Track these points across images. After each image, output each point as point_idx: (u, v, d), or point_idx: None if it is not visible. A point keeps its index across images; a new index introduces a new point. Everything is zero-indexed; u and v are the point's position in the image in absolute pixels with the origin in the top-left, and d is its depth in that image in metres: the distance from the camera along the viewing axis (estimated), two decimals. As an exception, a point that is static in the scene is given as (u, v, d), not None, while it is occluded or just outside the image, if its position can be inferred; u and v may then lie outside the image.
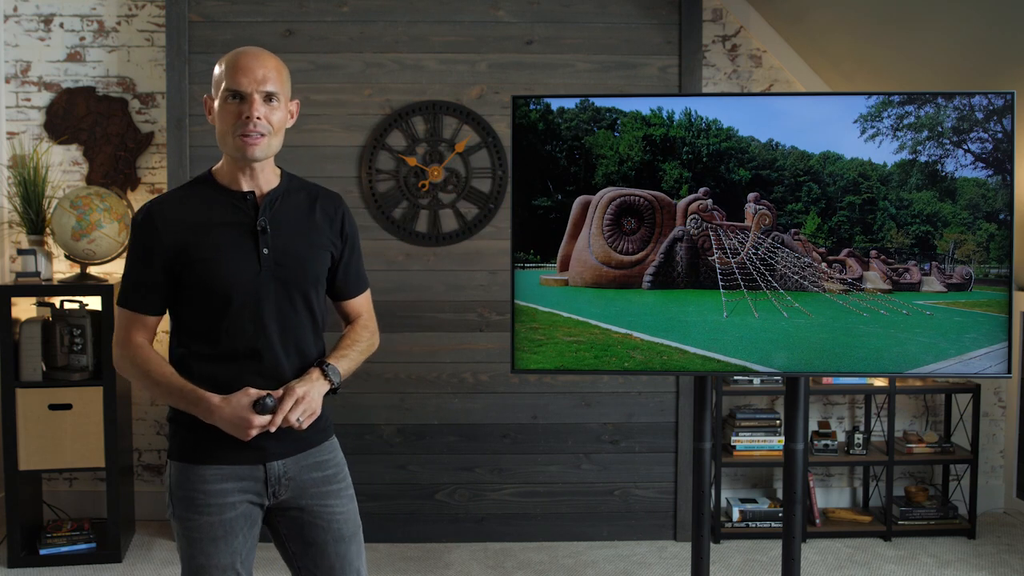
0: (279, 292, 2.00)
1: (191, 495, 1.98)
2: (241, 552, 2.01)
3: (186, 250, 1.96)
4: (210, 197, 2.01)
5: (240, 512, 2.00)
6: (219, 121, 1.98)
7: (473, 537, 4.09)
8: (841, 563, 3.87)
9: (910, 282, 2.65)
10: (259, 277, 1.98)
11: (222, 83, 1.97)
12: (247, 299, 1.97)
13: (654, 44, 4.01)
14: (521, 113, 2.69)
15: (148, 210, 1.99)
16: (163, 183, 4.18)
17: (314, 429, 2.07)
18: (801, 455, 2.74)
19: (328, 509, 2.07)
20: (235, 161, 2.01)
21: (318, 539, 2.07)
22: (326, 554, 2.07)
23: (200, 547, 1.98)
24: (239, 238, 1.98)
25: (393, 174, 4.02)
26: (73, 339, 3.76)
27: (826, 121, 2.63)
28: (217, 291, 1.96)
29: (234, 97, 1.96)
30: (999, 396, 4.45)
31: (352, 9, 3.98)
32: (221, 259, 1.96)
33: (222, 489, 1.98)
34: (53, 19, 4.16)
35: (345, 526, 2.09)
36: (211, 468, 1.99)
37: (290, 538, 2.08)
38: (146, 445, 4.30)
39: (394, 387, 4.04)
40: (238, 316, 1.97)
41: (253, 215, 2.00)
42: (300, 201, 2.08)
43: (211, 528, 1.98)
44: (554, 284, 2.72)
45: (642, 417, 4.08)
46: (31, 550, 3.79)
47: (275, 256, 1.99)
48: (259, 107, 1.95)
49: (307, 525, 2.06)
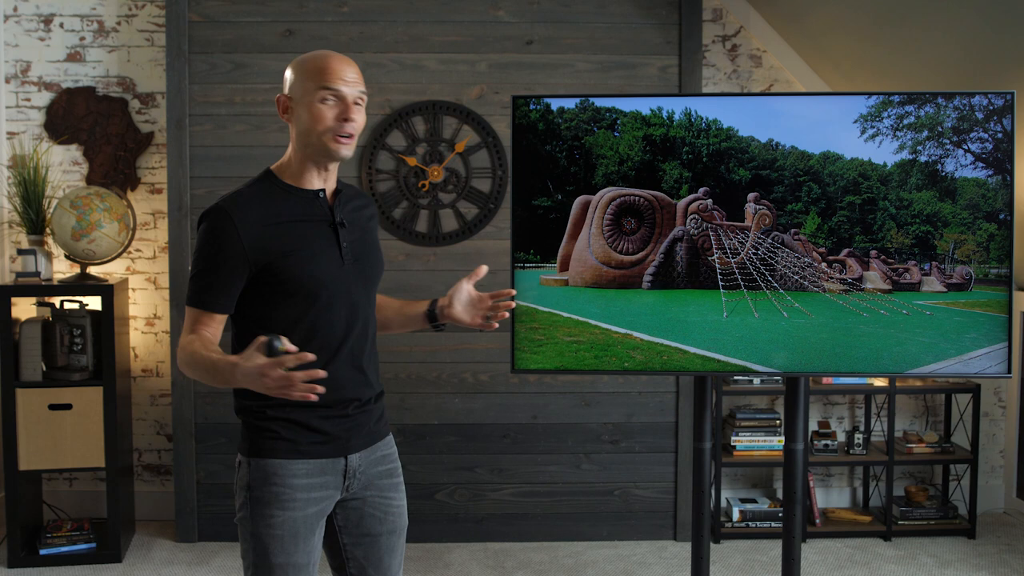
0: (361, 285, 2.06)
1: (275, 491, 1.97)
2: (315, 551, 2.03)
3: (268, 247, 1.94)
4: (282, 195, 2.01)
5: (321, 508, 2.02)
6: (312, 120, 1.97)
7: (473, 537, 4.09)
8: (841, 563, 3.87)
9: (910, 282, 2.66)
10: (343, 270, 2.01)
11: (315, 82, 1.96)
12: (336, 292, 2.00)
13: (654, 44, 4.01)
14: (521, 113, 2.69)
15: (223, 209, 1.95)
16: (163, 183, 4.18)
17: (381, 422, 2.13)
18: (801, 455, 2.74)
19: (387, 502, 2.12)
20: (316, 160, 2.01)
21: (374, 530, 2.10)
22: (378, 545, 2.11)
23: (280, 545, 1.97)
24: (321, 234, 2.01)
25: (393, 174, 4.02)
26: (73, 339, 3.76)
27: (826, 121, 2.64)
28: (306, 286, 1.97)
29: (333, 98, 1.97)
30: (999, 396, 4.45)
31: (352, 9, 3.98)
32: (308, 253, 1.97)
33: (307, 484, 1.99)
34: (53, 19, 4.16)
35: (400, 519, 2.15)
36: (296, 463, 1.99)
37: (345, 529, 2.10)
38: (146, 445, 4.30)
39: (394, 387, 4.04)
40: (327, 309, 1.99)
41: (328, 211, 2.03)
42: (356, 203, 2.13)
43: (293, 524, 1.98)
44: (554, 284, 2.72)
45: (642, 417, 4.08)
46: (31, 550, 3.80)
47: (353, 251, 2.04)
48: (355, 109, 1.99)
49: (366, 516, 2.09)
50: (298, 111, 1.99)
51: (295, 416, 1.99)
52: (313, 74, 1.97)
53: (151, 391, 4.28)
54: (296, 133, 2.01)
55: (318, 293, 1.98)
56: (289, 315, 1.98)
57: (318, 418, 2.00)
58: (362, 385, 2.07)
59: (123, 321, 3.95)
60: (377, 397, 2.13)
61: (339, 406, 2.03)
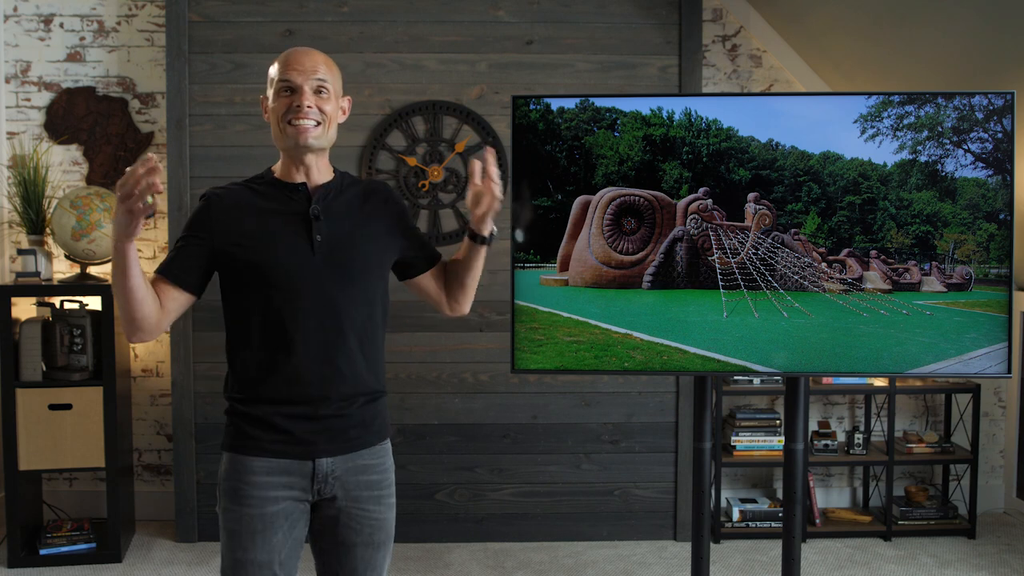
0: (332, 279, 2.01)
1: (237, 486, 1.99)
2: (280, 552, 2.00)
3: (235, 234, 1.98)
4: (266, 189, 2.05)
5: (282, 508, 1.99)
6: (272, 114, 2.04)
7: (473, 537, 4.09)
8: (841, 563, 3.86)
9: (910, 282, 2.65)
10: (312, 261, 1.99)
11: (275, 76, 2.03)
12: (302, 282, 1.98)
13: (654, 44, 4.01)
14: (521, 113, 2.69)
15: (208, 195, 2.04)
16: (163, 183, 4.18)
17: (369, 430, 2.07)
18: (801, 455, 2.74)
19: (365, 513, 2.06)
20: (290, 153, 2.04)
21: (348, 540, 2.06)
22: (352, 556, 2.07)
23: (239, 540, 1.99)
24: (291, 225, 2.01)
25: (393, 174, 4.02)
26: (73, 339, 3.76)
27: (826, 121, 2.63)
28: (264, 272, 1.97)
29: (286, 90, 2.01)
30: (999, 396, 4.45)
31: (352, 9, 3.98)
32: (270, 242, 1.98)
33: (267, 482, 1.98)
34: (53, 19, 4.16)
35: (378, 533, 2.08)
36: (259, 460, 1.99)
37: (322, 534, 2.08)
38: (146, 445, 4.30)
39: (394, 387, 4.04)
40: (291, 299, 1.98)
41: (306, 204, 2.03)
42: (354, 195, 2.10)
43: (251, 521, 1.98)
44: (554, 284, 2.72)
45: (642, 417, 4.08)
46: (31, 550, 3.80)
47: (329, 243, 2.01)
48: (309, 96, 2.00)
49: (342, 526, 2.06)
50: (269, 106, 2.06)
51: (260, 413, 1.99)
52: (276, 69, 2.04)
53: (151, 391, 4.28)
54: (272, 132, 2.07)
55: (278, 281, 1.97)
56: (252, 301, 1.99)
57: (283, 416, 1.98)
58: (335, 385, 1.99)
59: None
60: (366, 402, 2.06)
61: (304, 404, 1.99)
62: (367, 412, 2.07)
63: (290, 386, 1.98)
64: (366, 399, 2.06)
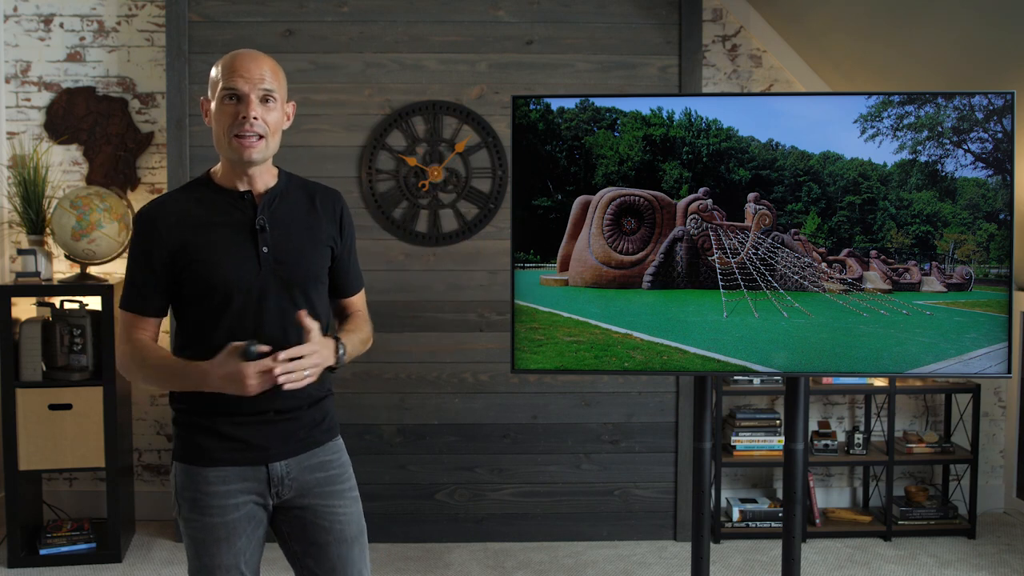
0: (280, 291, 1.99)
1: (196, 496, 1.99)
2: (245, 553, 2.01)
3: (185, 249, 1.95)
4: (208, 198, 2.01)
5: (244, 513, 2.00)
6: (216, 122, 1.97)
7: (473, 537, 4.09)
8: (841, 563, 3.86)
9: (910, 282, 2.65)
10: (260, 276, 1.97)
11: (219, 84, 1.96)
12: (248, 298, 1.96)
13: (654, 44, 4.01)
14: (521, 113, 2.69)
15: (146, 211, 1.99)
16: (163, 183, 4.18)
17: (319, 429, 2.07)
18: (801, 455, 2.74)
19: (330, 510, 2.06)
20: (232, 163, 2.00)
21: (320, 539, 2.06)
22: (327, 555, 2.06)
23: (205, 548, 1.99)
24: (238, 237, 1.97)
25: (393, 174, 4.02)
26: (73, 339, 3.76)
27: (826, 121, 2.64)
28: (217, 290, 1.95)
29: (231, 98, 1.95)
30: (999, 396, 4.45)
31: (352, 9, 3.98)
32: (220, 258, 1.95)
33: (226, 491, 1.98)
34: (53, 19, 4.16)
35: (348, 528, 2.08)
36: (214, 470, 1.99)
37: (293, 538, 2.08)
38: (146, 445, 4.30)
39: (394, 387, 4.04)
40: (239, 315, 1.96)
41: (252, 214, 2.00)
42: (299, 199, 2.07)
43: (215, 529, 1.98)
44: (554, 284, 2.72)
45: (642, 417, 4.08)
46: (31, 550, 3.80)
47: (275, 255, 1.99)
48: (256, 107, 1.95)
49: (309, 525, 2.05)
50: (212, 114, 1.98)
51: (209, 423, 1.98)
52: (219, 75, 1.96)
53: (151, 391, 4.28)
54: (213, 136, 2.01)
55: (230, 296, 1.95)
56: (205, 316, 1.97)
57: (233, 424, 1.98)
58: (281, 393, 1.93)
59: (123, 321, 3.95)
60: (313, 403, 2.05)
61: (253, 413, 1.98)
62: (315, 412, 2.07)
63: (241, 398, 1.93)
64: (312, 401, 2.06)
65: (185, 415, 2.02)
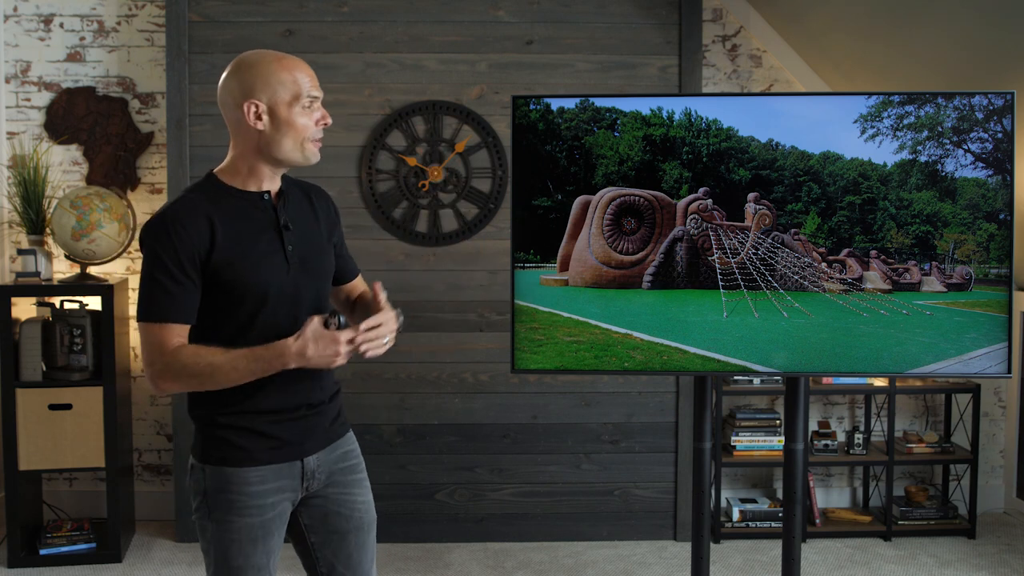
0: (308, 287, 2.03)
1: (231, 498, 1.97)
2: (274, 551, 2.03)
3: (213, 253, 1.92)
4: (226, 200, 1.99)
5: (278, 512, 2.02)
6: (296, 127, 1.95)
7: (473, 537, 4.09)
8: (841, 563, 3.86)
9: (910, 282, 2.66)
10: (290, 274, 1.99)
11: (293, 89, 1.94)
12: (282, 297, 1.97)
13: (654, 44, 4.01)
14: (521, 113, 2.69)
15: (165, 217, 1.93)
16: (163, 183, 4.18)
17: (337, 422, 2.13)
18: (801, 455, 2.74)
19: (351, 498, 2.11)
20: (277, 164, 2.00)
21: (340, 528, 2.10)
22: (346, 543, 2.11)
23: (239, 548, 1.98)
24: (264, 237, 1.98)
25: (393, 174, 4.02)
26: (73, 339, 3.76)
27: (826, 121, 2.64)
28: (252, 292, 1.95)
29: (310, 103, 1.97)
30: (999, 396, 4.45)
31: (352, 9, 3.98)
32: (253, 260, 1.95)
33: (264, 491, 1.99)
34: (53, 19, 4.16)
35: (366, 515, 2.14)
36: (254, 470, 1.98)
37: (312, 528, 2.10)
38: (146, 445, 4.30)
39: (394, 387, 4.04)
40: (273, 314, 1.97)
41: (272, 214, 2.01)
42: (300, 197, 2.10)
43: (251, 530, 1.98)
44: (554, 284, 2.72)
45: (642, 417, 4.08)
46: (31, 550, 3.80)
47: (299, 252, 2.01)
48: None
49: (331, 514, 2.09)
50: (275, 118, 1.95)
51: (246, 423, 1.98)
52: (289, 81, 1.95)
53: (151, 391, 4.28)
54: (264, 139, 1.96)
55: (264, 299, 1.96)
56: (238, 320, 1.96)
57: (269, 423, 1.99)
58: (313, 388, 2.04)
59: (123, 321, 3.95)
60: (332, 397, 2.11)
61: (289, 411, 2.01)
62: (335, 405, 2.13)
63: (279, 395, 1.99)
64: (333, 395, 2.13)
65: (214, 418, 1.99)
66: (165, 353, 1.90)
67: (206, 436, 2.01)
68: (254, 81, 1.96)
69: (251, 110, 1.96)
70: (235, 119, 2.00)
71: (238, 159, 2.02)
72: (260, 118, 1.96)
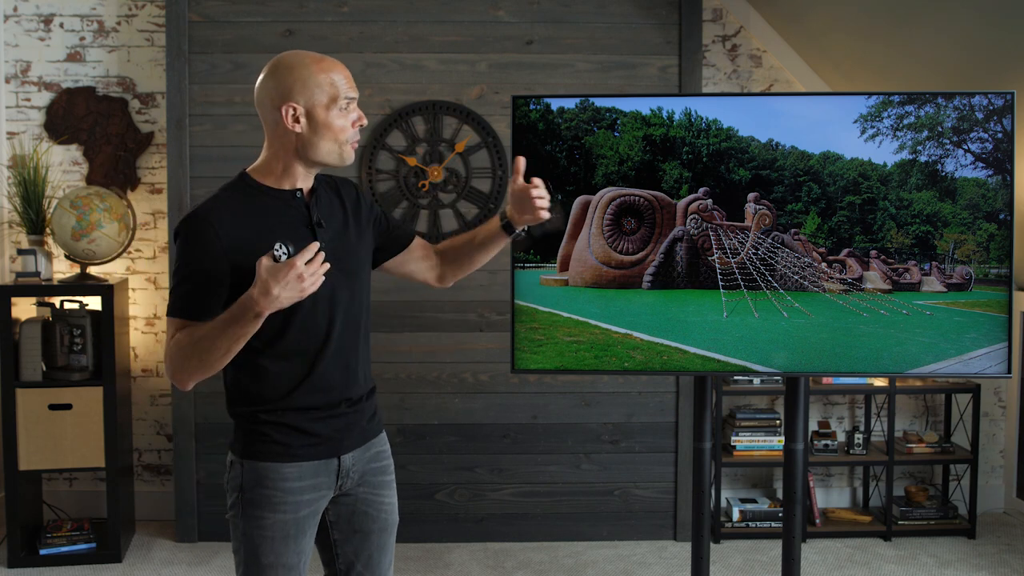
0: (344, 283, 2.03)
1: (267, 493, 1.98)
2: (306, 551, 2.03)
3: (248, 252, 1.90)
4: (259, 198, 1.99)
5: (313, 510, 2.02)
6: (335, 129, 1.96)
7: (473, 537, 4.09)
8: (841, 563, 3.86)
9: (910, 282, 2.66)
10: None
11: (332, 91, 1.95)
12: (318, 294, 1.94)
13: (654, 44, 4.01)
14: (521, 113, 2.69)
15: (200, 215, 1.93)
16: (163, 183, 4.18)
17: (373, 421, 2.14)
18: (801, 455, 2.74)
19: (380, 499, 2.12)
20: (313, 164, 2.00)
21: (365, 527, 2.11)
22: (369, 542, 2.12)
23: (271, 546, 1.98)
24: (298, 234, 1.97)
25: (393, 174, 4.02)
26: (73, 339, 3.76)
27: (826, 121, 2.64)
28: None
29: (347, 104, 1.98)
30: (999, 396, 4.45)
31: (352, 9, 3.98)
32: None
33: (301, 487, 1.99)
34: (53, 19, 4.16)
35: (391, 516, 2.15)
36: (292, 466, 1.99)
37: (337, 525, 2.11)
38: (146, 445, 4.30)
39: (394, 387, 4.04)
40: (311, 311, 1.98)
41: (305, 212, 2.01)
42: (330, 194, 2.11)
43: (284, 527, 1.98)
44: (554, 284, 2.72)
45: (642, 417, 4.08)
46: (31, 550, 3.80)
47: (333, 249, 2.01)
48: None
49: (358, 513, 2.10)
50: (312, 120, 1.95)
51: (287, 420, 1.99)
52: (327, 83, 1.95)
53: (151, 391, 4.28)
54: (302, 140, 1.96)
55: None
56: (273, 320, 1.94)
57: (309, 420, 2.00)
58: (352, 384, 2.06)
59: (123, 321, 3.95)
60: (369, 394, 2.12)
61: (329, 407, 2.03)
62: (371, 403, 2.14)
63: (318, 392, 2.01)
64: (370, 391, 2.14)
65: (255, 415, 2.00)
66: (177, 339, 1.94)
67: (247, 432, 2.01)
68: (292, 84, 1.95)
69: (288, 113, 1.95)
70: (272, 121, 1.98)
71: (272, 159, 2.01)
72: (298, 120, 1.96)
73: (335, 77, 1.96)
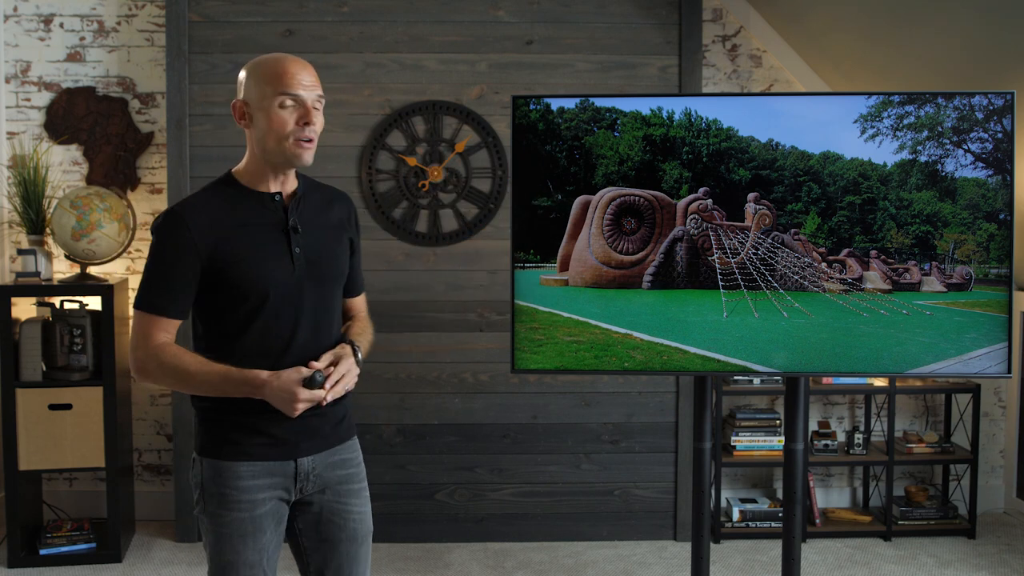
0: (313, 290, 2.03)
1: (223, 491, 1.99)
2: (268, 550, 2.03)
3: (219, 251, 1.94)
4: (237, 198, 2.01)
5: (269, 509, 2.02)
6: (272, 126, 1.95)
7: (473, 537, 4.09)
8: (841, 563, 3.86)
9: (910, 282, 2.65)
10: (294, 276, 2.00)
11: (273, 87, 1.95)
12: (283, 298, 1.98)
13: (654, 44, 4.01)
14: (521, 113, 2.69)
15: (176, 212, 1.97)
16: (163, 183, 4.18)
17: (341, 426, 2.12)
18: (801, 455, 2.74)
19: (346, 508, 2.10)
20: (275, 165, 2.01)
21: (332, 536, 2.09)
22: (337, 552, 2.10)
23: (230, 544, 1.99)
24: (271, 238, 1.99)
25: (393, 174, 4.02)
26: (73, 339, 3.76)
27: (826, 121, 2.63)
28: (254, 291, 1.96)
29: (292, 102, 1.95)
30: (999, 396, 4.45)
31: (352, 9, 3.98)
32: (257, 259, 1.97)
33: (254, 485, 2.00)
34: (53, 19, 4.16)
35: (360, 526, 2.12)
36: (243, 465, 1.99)
37: (305, 533, 2.10)
38: (146, 445, 4.30)
39: (394, 387, 4.04)
40: (274, 315, 1.98)
41: (283, 216, 2.01)
42: (318, 202, 2.11)
43: (241, 524, 1.99)
44: (554, 284, 2.72)
45: (642, 417, 4.08)
46: (31, 550, 3.79)
47: (307, 255, 2.02)
48: (314, 113, 1.98)
49: (324, 522, 2.09)
50: (256, 117, 1.97)
51: (242, 419, 1.99)
52: (271, 79, 1.95)
53: (151, 391, 4.28)
54: (255, 139, 1.99)
55: (265, 298, 1.97)
56: (239, 318, 1.97)
57: (265, 421, 2.00)
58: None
59: (123, 321, 3.95)
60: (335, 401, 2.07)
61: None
62: (339, 409, 2.11)
63: None
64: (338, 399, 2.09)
65: (214, 412, 2.01)
66: (149, 346, 1.96)
67: (206, 429, 2.03)
68: (245, 80, 2.00)
69: (237, 108, 2.01)
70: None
71: (249, 159, 2.04)
72: (243, 117, 2.00)
73: (282, 72, 1.95)
